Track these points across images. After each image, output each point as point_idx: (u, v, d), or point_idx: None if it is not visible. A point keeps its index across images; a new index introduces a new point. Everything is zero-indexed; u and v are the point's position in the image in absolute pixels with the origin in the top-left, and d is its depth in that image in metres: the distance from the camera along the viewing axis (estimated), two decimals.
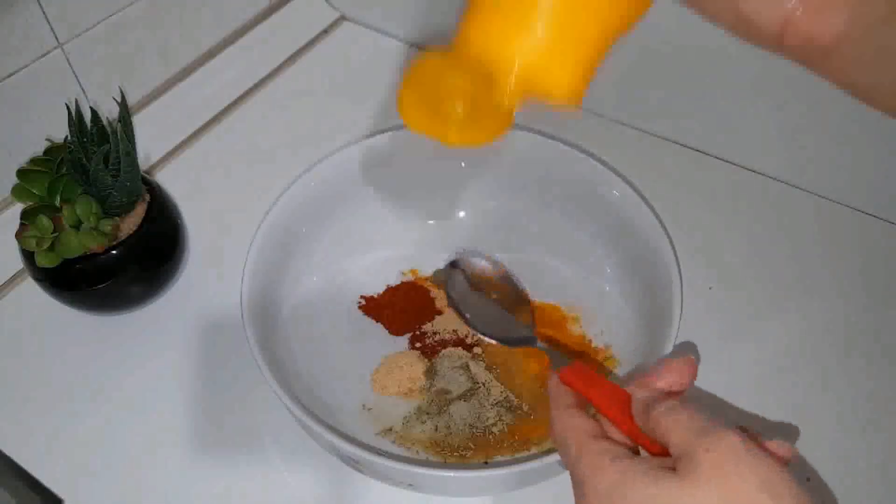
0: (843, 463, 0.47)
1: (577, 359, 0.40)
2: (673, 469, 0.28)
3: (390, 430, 0.49)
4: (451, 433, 0.48)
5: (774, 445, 0.30)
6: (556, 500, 0.46)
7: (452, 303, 0.51)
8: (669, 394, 0.33)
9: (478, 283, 0.52)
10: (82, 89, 0.59)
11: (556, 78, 0.33)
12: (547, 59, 0.32)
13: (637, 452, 0.33)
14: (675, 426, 0.30)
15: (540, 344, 0.48)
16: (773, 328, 0.54)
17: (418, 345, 0.53)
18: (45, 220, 0.48)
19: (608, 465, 0.30)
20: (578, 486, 0.31)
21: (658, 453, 0.31)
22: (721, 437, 0.28)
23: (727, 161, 0.65)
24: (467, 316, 0.50)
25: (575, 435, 0.32)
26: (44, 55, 0.55)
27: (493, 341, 0.49)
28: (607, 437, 0.33)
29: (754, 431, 0.30)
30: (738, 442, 0.28)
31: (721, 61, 0.60)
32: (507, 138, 0.58)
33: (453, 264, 0.53)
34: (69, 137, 0.49)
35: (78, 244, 0.48)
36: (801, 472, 0.47)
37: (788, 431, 0.49)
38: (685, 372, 0.34)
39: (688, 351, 0.52)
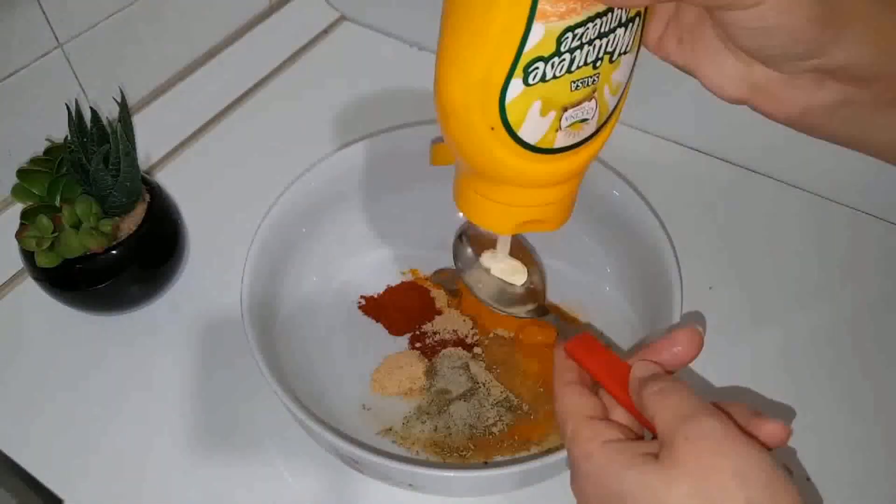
0: (843, 463, 0.47)
1: (585, 330, 0.39)
2: (655, 456, 0.29)
3: (390, 430, 0.49)
4: (451, 433, 0.48)
5: (769, 426, 0.30)
6: (556, 500, 0.46)
7: (461, 274, 0.48)
8: (671, 369, 0.34)
9: (485, 248, 0.50)
10: (82, 89, 0.59)
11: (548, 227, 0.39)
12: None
13: (640, 432, 0.33)
14: (661, 410, 0.30)
15: (549, 315, 0.47)
16: (773, 328, 0.54)
17: (418, 345, 0.53)
18: (45, 220, 0.48)
19: (596, 450, 0.30)
20: (571, 465, 0.32)
21: (657, 433, 0.31)
22: (701, 424, 0.28)
23: (727, 161, 0.65)
24: (478, 286, 0.48)
25: (572, 415, 0.33)
26: (44, 55, 0.55)
27: (503, 313, 0.47)
28: (604, 419, 0.33)
29: (750, 409, 0.31)
30: (717, 428, 0.28)
31: None
32: None
33: (460, 237, 0.50)
34: (69, 137, 0.49)
35: (78, 244, 0.48)
36: (800, 473, 0.47)
37: (784, 412, 0.49)
38: (691, 342, 0.34)
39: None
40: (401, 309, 0.55)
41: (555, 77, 0.30)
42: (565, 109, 0.32)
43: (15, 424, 0.50)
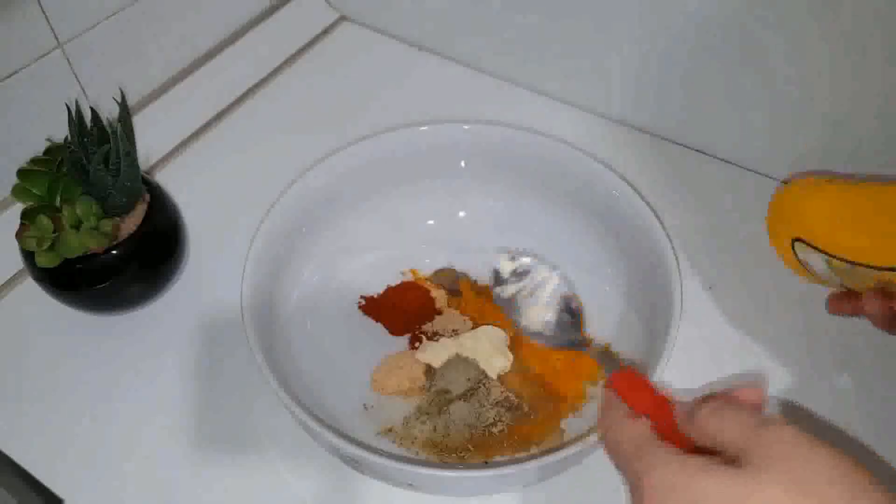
0: None
1: (629, 365, 0.41)
2: (733, 463, 0.28)
3: (390, 430, 0.49)
4: (450, 433, 0.48)
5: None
6: (557, 500, 0.46)
7: (499, 300, 0.52)
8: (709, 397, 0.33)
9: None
10: (82, 89, 0.59)
11: None
12: None
13: None
14: (726, 425, 0.29)
15: (589, 349, 0.49)
16: (773, 328, 0.54)
17: (418, 345, 0.53)
18: (45, 220, 0.48)
19: (666, 461, 0.29)
20: (635, 486, 0.30)
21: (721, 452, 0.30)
22: (780, 430, 0.28)
23: (727, 161, 0.65)
24: (514, 315, 0.51)
25: (630, 439, 0.32)
26: (44, 55, 0.55)
27: (541, 343, 0.50)
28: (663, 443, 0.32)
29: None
30: (798, 434, 0.27)
31: (722, 61, 0.60)
32: (507, 138, 0.58)
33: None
34: (69, 137, 0.49)
35: (78, 244, 0.48)
36: None
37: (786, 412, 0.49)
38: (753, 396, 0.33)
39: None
40: (401, 309, 0.55)
41: None
42: None
43: (15, 424, 0.50)
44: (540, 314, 0.51)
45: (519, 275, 0.52)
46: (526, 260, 0.53)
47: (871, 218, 0.45)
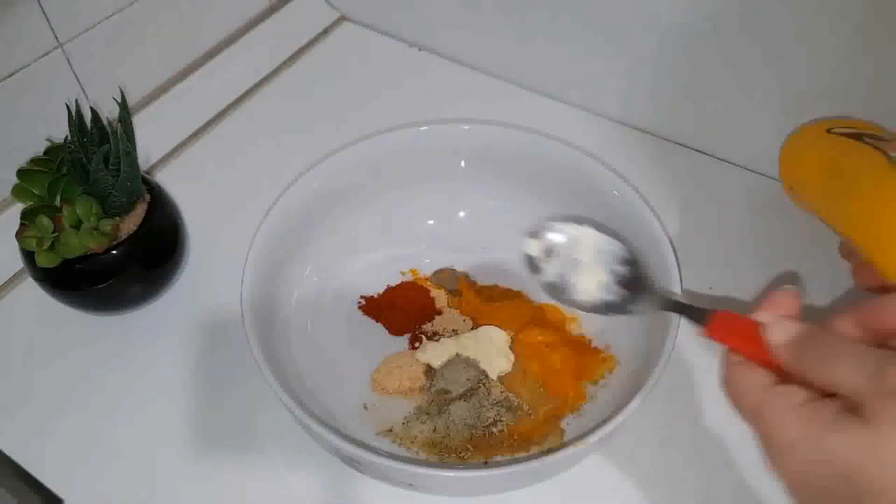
0: None
1: (716, 309, 0.36)
2: (856, 414, 0.28)
3: (390, 430, 0.49)
4: (450, 433, 0.48)
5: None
6: (557, 500, 0.46)
7: (548, 290, 0.43)
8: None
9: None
10: (82, 89, 0.59)
11: None
12: None
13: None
14: (841, 374, 0.29)
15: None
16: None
17: (418, 345, 0.53)
18: (45, 220, 0.48)
19: (790, 416, 0.29)
20: (764, 438, 0.31)
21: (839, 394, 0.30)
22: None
23: (727, 161, 0.65)
24: (570, 296, 0.42)
25: (747, 390, 0.32)
26: (44, 55, 0.55)
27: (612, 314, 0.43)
28: (782, 382, 0.32)
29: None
30: None
31: (721, 61, 0.60)
32: (507, 138, 0.58)
33: (533, 235, 0.45)
34: (69, 137, 0.49)
35: (78, 244, 0.48)
36: None
37: None
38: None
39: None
40: (401, 309, 0.55)
41: None
42: None
43: (15, 424, 0.50)
44: (593, 280, 0.42)
45: (552, 251, 0.44)
46: (552, 234, 0.44)
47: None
